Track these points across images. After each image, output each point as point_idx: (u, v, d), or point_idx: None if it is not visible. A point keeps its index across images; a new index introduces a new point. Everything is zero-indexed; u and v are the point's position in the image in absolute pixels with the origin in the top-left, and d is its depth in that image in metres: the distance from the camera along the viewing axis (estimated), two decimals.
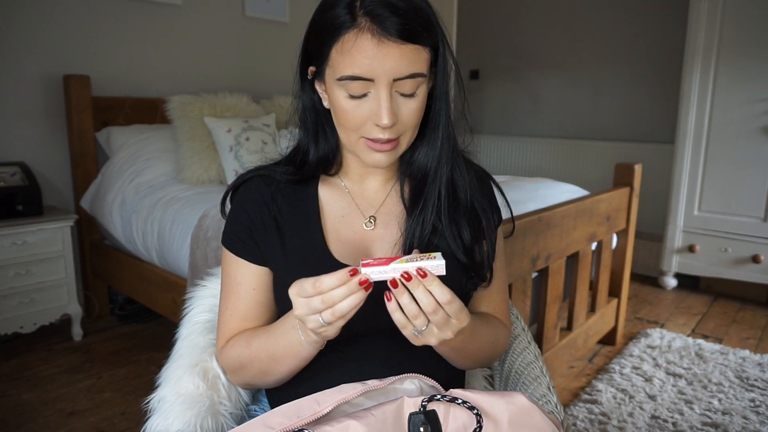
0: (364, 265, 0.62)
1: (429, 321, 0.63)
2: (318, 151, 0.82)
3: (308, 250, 0.79)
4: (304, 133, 0.83)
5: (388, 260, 0.62)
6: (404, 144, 0.76)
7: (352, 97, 0.71)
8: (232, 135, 2.41)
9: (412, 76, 0.70)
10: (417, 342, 0.66)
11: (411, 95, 0.72)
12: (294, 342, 0.70)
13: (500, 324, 0.87)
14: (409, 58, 0.69)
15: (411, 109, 0.73)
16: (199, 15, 2.94)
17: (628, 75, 3.73)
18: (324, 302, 0.61)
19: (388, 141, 0.73)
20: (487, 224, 0.83)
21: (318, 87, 0.78)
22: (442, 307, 0.63)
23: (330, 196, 0.84)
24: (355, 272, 0.61)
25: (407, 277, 0.61)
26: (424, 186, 0.80)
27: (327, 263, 0.78)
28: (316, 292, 0.61)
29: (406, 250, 0.79)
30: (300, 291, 0.63)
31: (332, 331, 0.65)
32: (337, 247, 0.80)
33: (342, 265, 0.77)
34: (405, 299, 0.62)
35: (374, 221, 0.82)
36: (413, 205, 0.81)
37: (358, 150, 0.75)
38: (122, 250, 2.42)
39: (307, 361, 0.74)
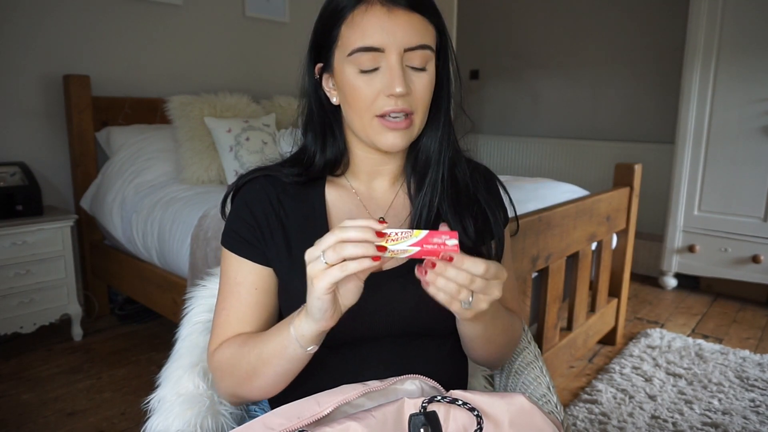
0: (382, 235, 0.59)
1: (472, 291, 0.62)
2: (325, 153, 0.81)
3: None
4: (312, 136, 0.82)
5: (405, 233, 0.59)
6: (417, 123, 0.75)
7: (363, 72, 0.71)
8: (232, 135, 2.41)
9: (422, 47, 0.71)
10: (470, 314, 0.64)
11: (421, 69, 0.73)
12: (284, 338, 0.67)
13: (512, 312, 0.87)
14: (418, 28, 0.71)
15: (423, 84, 0.73)
16: (199, 15, 2.94)
17: (629, 75, 3.73)
18: (334, 238, 0.57)
19: (403, 114, 0.72)
20: (495, 222, 0.83)
21: (325, 84, 0.78)
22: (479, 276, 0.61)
23: (337, 197, 0.82)
24: (381, 235, 0.58)
25: (432, 265, 0.60)
26: (428, 169, 0.80)
27: None
28: (336, 242, 0.57)
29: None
30: (320, 242, 0.59)
31: (325, 282, 0.58)
32: None
33: None
34: (441, 282, 0.61)
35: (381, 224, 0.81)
36: (418, 189, 0.81)
37: (372, 133, 0.74)
38: (122, 250, 2.42)
39: (296, 365, 0.69)
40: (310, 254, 0.59)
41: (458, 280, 0.60)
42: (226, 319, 0.78)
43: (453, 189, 0.81)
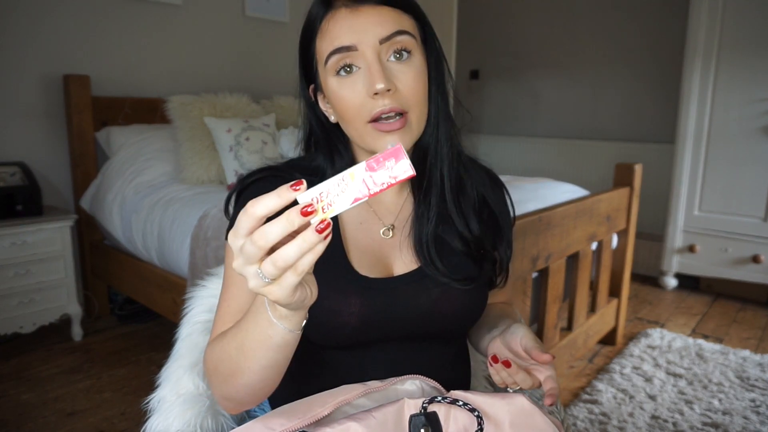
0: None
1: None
2: (335, 171, 0.78)
3: (326, 258, 0.74)
4: (321, 157, 0.79)
5: (338, 186, 0.47)
6: (414, 121, 0.70)
7: (342, 75, 0.68)
8: (232, 135, 2.41)
9: (398, 33, 0.68)
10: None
11: (404, 58, 0.69)
12: (263, 323, 0.55)
13: (512, 308, 0.93)
14: (390, 18, 0.68)
15: (410, 78, 0.68)
16: (199, 15, 2.94)
17: (628, 75, 3.73)
18: (255, 242, 0.44)
19: (393, 113, 0.67)
20: (504, 223, 0.83)
21: (321, 105, 0.76)
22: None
23: None
24: (308, 213, 0.45)
25: (508, 364, 0.68)
26: (425, 166, 0.77)
27: (347, 275, 0.74)
28: (253, 222, 0.45)
29: (416, 235, 0.77)
30: (235, 229, 0.45)
31: (281, 293, 0.47)
32: (356, 257, 0.76)
33: (362, 277, 0.74)
34: (504, 374, 0.69)
35: (392, 229, 0.79)
36: (419, 187, 0.78)
37: (369, 140, 0.70)
38: (122, 250, 2.42)
39: (282, 353, 0.58)
40: (246, 271, 0.47)
41: (521, 384, 0.69)
42: (225, 310, 0.73)
43: (456, 187, 0.78)
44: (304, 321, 0.56)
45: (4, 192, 2.12)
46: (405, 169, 0.46)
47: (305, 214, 0.44)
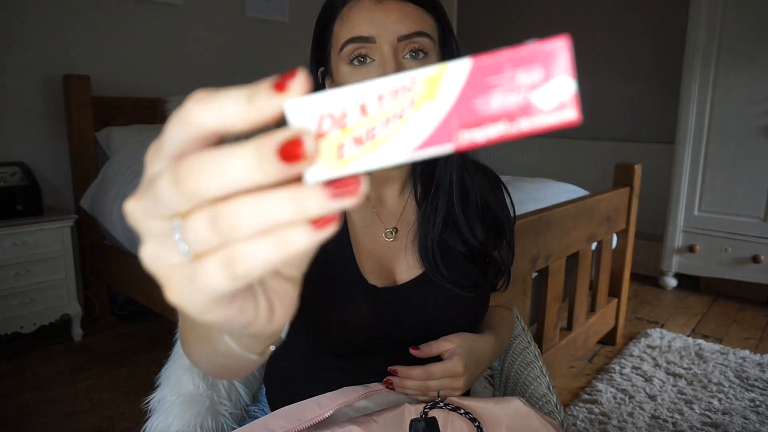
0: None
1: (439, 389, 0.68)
2: None
3: (336, 265, 0.72)
4: None
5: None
6: None
7: (355, 64, 0.67)
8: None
9: (417, 34, 0.67)
10: (455, 395, 0.70)
11: (419, 57, 0.68)
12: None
13: (507, 312, 0.92)
14: (413, 16, 0.67)
15: None
16: (199, 15, 2.94)
17: (628, 75, 3.73)
18: (180, 179, 0.23)
19: None
20: (506, 226, 0.83)
21: (328, 87, 0.76)
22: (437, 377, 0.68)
23: None
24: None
25: (389, 384, 0.68)
26: (434, 171, 0.76)
27: (357, 284, 0.73)
28: (191, 136, 0.23)
29: (421, 240, 0.76)
30: (159, 143, 0.24)
31: (197, 305, 0.23)
32: (364, 263, 0.74)
33: (371, 287, 0.72)
34: (407, 388, 0.68)
35: (395, 232, 0.78)
36: (425, 192, 0.77)
37: None
38: (122, 250, 2.42)
39: (231, 362, 0.39)
40: (145, 224, 0.25)
41: (415, 388, 0.67)
42: None
43: (462, 193, 0.78)
44: (265, 348, 0.36)
45: (4, 192, 2.12)
46: (568, 92, 0.20)
47: (288, 154, 0.21)
